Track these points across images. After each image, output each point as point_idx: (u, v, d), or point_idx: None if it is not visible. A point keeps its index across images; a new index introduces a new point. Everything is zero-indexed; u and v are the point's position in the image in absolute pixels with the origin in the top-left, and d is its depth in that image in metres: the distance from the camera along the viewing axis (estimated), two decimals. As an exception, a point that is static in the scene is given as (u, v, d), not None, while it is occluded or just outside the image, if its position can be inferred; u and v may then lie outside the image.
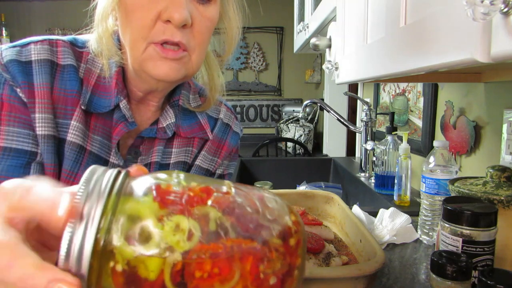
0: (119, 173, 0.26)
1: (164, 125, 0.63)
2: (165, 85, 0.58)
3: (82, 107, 0.56)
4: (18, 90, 0.53)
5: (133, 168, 0.28)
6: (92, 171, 0.25)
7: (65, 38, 0.59)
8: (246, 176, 1.86)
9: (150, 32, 0.51)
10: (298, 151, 2.73)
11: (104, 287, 0.23)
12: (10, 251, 0.22)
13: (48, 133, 0.55)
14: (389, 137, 1.20)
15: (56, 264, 0.23)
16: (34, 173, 0.55)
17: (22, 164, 0.54)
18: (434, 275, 0.50)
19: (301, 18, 1.70)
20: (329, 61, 0.92)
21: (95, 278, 0.23)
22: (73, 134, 0.56)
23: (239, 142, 0.76)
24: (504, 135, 0.82)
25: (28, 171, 0.54)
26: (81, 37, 0.61)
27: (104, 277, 0.23)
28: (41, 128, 0.54)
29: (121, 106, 0.58)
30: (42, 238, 0.27)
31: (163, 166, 0.66)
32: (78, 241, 0.22)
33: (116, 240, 0.23)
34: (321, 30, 1.35)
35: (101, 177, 0.25)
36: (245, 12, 0.63)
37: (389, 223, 0.85)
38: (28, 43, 0.55)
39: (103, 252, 0.23)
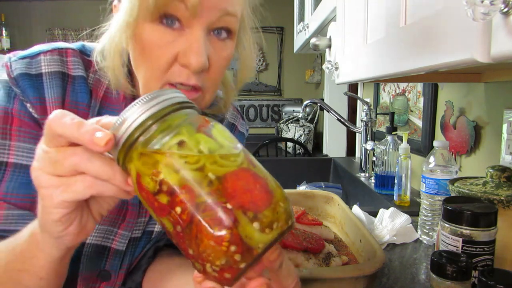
0: (195, 106, 0.35)
1: None
2: None
3: None
4: (28, 105, 0.52)
5: None
6: (177, 91, 0.34)
7: (74, 46, 0.57)
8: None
9: (165, 73, 0.49)
10: (298, 151, 2.73)
11: (130, 156, 0.31)
12: (72, 117, 0.33)
13: None
14: (389, 137, 1.20)
15: None
16: None
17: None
18: (434, 275, 0.50)
19: (301, 18, 1.70)
20: (329, 61, 0.92)
21: (125, 150, 0.31)
22: None
23: (244, 142, 0.75)
24: (504, 135, 0.82)
25: None
26: (91, 45, 0.59)
27: (129, 156, 0.31)
28: None
29: None
30: None
31: None
32: (131, 119, 0.31)
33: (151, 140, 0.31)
34: (321, 30, 1.35)
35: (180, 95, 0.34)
36: (261, 40, 0.62)
37: (389, 223, 0.85)
38: (38, 54, 0.53)
39: (136, 139, 0.31)
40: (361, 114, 1.63)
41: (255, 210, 0.28)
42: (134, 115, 0.31)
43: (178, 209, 0.29)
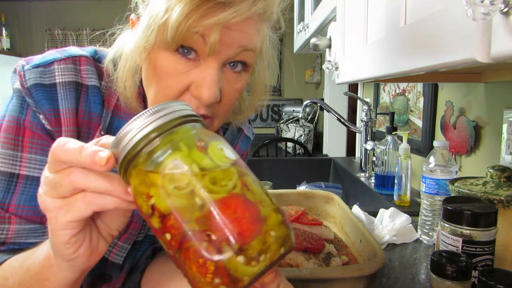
0: (197, 118, 0.34)
1: None
2: None
3: (102, 133, 0.54)
4: (41, 116, 0.51)
5: None
6: (183, 103, 0.34)
7: (87, 52, 0.56)
8: (246, 176, 1.85)
9: (176, 99, 0.49)
10: (298, 151, 2.73)
11: (129, 172, 0.31)
12: (74, 142, 0.33)
13: None
14: (389, 137, 1.20)
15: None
16: None
17: None
18: (434, 275, 0.50)
19: (301, 18, 1.70)
20: (329, 61, 0.92)
21: (125, 165, 0.31)
22: None
23: (250, 145, 0.74)
24: (504, 135, 0.82)
25: None
26: (102, 51, 0.58)
27: (129, 172, 0.31)
28: None
29: None
30: None
31: None
32: (132, 134, 0.31)
33: (151, 155, 0.31)
34: (321, 30, 1.35)
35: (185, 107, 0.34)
36: (277, 71, 0.61)
37: (389, 223, 0.85)
38: (52, 62, 0.52)
39: (136, 154, 0.31)
40: (361, 114, 1.63)
41: (241, 242, 0.27)
42: (131, 133, 0.31)
43: (168, 236, 0.29)
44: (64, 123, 0.52)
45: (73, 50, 0.55)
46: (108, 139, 0.35)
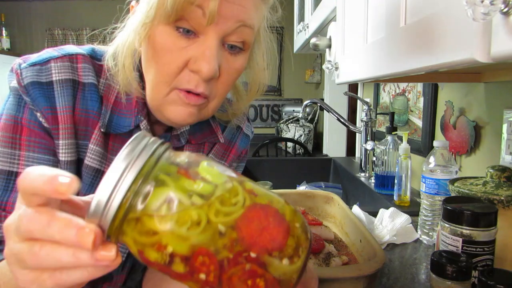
0: (162, 143, 0.29)
1: (178, 132, 0.61)
2: (177, 125, 0.57)
3: (102, 130, 0.54)
4: (38, 114, 0.51)
5: None
6: (138, 137, 0.28)
7: (84, 50, 0.56)
8: (246, 176, 1.85)
9: (175, 78, 0.49)
10: (298, 151, 2.73)
11: (123, 231, 0.27)
12: (46, 213, 0.27)
13: (71, 159, 0.53)
14: (389, 137, 1.20)
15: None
16: None
17: None
18: (434, 275, 0.50)
19: (301, 18, 1.70)
20: (329, 61, 0.92)
21: (114, 231, 0.27)
22: (90, 158, 0.54)
23: (249, 143, 0.74)
24: (504, 135, 0.82)
25: None
26: (100, 49, 0.58)
27: (122, 231, 0.27)
28: (65, 154, 0.52)
29: (142, 127, 0.56)
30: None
31: None
32: (105, 199, 0.26)
33: (139, 205, 0.27)
34: (321, 30, 1.35)
35: (144, 142, 0.28)
36: (275, 61, 0.61)
37: (389, 223, 0.85)
38: (48, 60, 0.52)
39: (126, 212, 0.27)
40: (361, 114, 1.63)
41: (279, 247, 0.27)
42: (109, 192, 0.26)
43: (202, 275, 0.27)
44: (61, 120, 0.52)
45: (70, 48, 0.55)
46: (67, 185, 0.27)
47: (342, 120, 1.56)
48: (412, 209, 1.02)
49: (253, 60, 0.58)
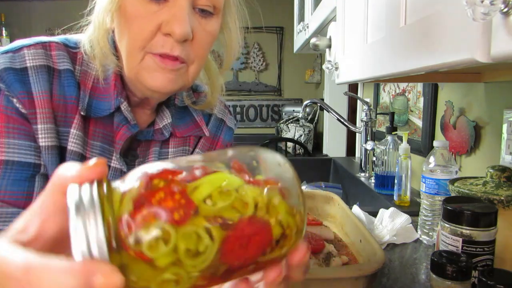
0: (98, 183, 0.25)
1: (161, 126, 0.61)
2: (160, 95, 0.56)
3: (82, 113, 0.55)
4: (14, 100, 0.50)
5: (92, 163, 0.25)
6: (71, 191, 0.24)
7: (57, 39, 0.56)
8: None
9: (148, 43, 0.50)
10: (298, 151, 2.73)
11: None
12: (36, 270, 0.22)
13: (51, 143, 0.53)
14: (389, 137, 1.20)
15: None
16: (39, 186, 0.52)
17: (27, 177, 0.51)
18: (434, 275, 0.50)
19: (301, 18, 1.70)
20: (329, 61, 0.92)
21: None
22: (73, 142, 0.54)
23: (233, 136, 0.75)
24: (504, 135, 0.82)
25: (33, 184, 0.52)
26: (73, 37, 0.59)
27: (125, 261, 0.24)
28: (44, 139, 0.52)
29: (122, 109, 0.56)
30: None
31: None
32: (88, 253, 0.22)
33: (130, 239, 0.23)
34: (321, 30, 1.35)
35: (84, 194, 0.24)
36: (247, 24, 0.62)
37: (389, 223, 0.85)
38: (21, 48, 0.52)
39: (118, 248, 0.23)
40: (361, 114, 1.63)
41: (266, 253, 0.26)
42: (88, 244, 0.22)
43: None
44: (38, 105, 0.52)
45: (42, 37, 0.56)
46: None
47: (342, 120, 1.56)
48: (412, 209, 1.02)
49: (226, 25, 0.59)
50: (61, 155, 0.55)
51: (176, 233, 0.23)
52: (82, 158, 0.56)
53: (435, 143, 0.81)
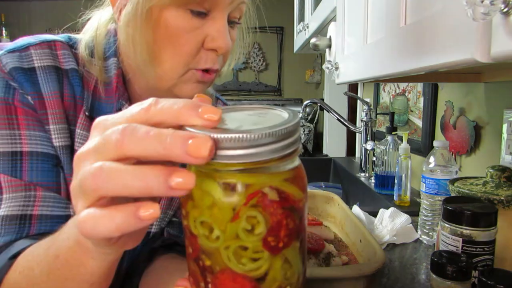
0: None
1: None
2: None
3: (86, 113, 0.54)
4: (29, 97, 0.50)
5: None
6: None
7: (61, 38, 0.56)
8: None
9: (193, 59, 0.50)
10: (298, 151, 2.73)
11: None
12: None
13: (65, 143, 0.52)
14: (389, 137, 1.20)
15: None
16: (62, 179, 0.52)
17: (52, 167, 0.51)
18: (434, 275, 0.50)
19: (301, 18, 1.70)
20: (329, 61, 0.92)
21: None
22: (79, 143, 0.54)
23: None
24: (504, 135, 0.82)
25: (59, 174, 0.51)
26: (75, 37, 0.58)
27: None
28: (58, 139, 0.52)
29: None
30: None
31: None
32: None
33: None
34: (321, 30, 1.35)
35: None
36: (255, 32, 0.64)
37: (389, 223, 0.85)
38: (27, 47, 0.52)
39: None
40: (361, 114, 1.63)
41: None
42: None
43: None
44: (48, 106, 0.51)
45: (46, 35, 0.56)
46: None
47: (342, 120, 1.56)
48: (412, 209, 1.02)
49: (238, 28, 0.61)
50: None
51: None
52: None
53: (435, 143, 0.81)
